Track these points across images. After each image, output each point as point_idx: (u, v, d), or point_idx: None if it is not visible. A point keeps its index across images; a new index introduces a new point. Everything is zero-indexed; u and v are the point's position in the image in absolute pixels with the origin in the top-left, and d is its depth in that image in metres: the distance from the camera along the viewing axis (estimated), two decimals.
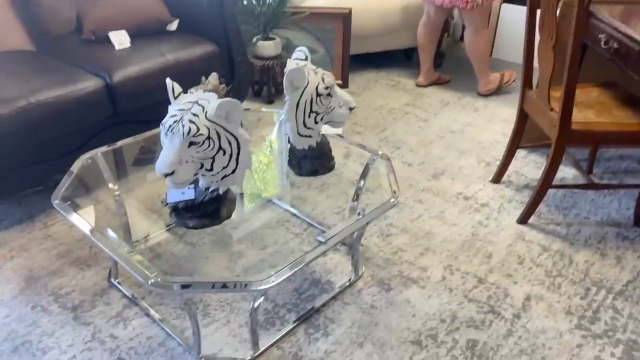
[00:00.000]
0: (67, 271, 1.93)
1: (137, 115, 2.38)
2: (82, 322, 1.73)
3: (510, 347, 1.68)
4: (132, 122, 2.37)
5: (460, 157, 2.68)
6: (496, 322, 1.76)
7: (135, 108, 2.35)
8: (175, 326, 1.72)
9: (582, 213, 2.29)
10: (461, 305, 1.82)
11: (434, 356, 1.64)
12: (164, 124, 1.40)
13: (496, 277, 1.95)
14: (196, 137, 1.38)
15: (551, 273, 1.97)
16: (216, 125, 1.41)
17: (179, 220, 1.55)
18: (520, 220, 2.22)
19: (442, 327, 1.74)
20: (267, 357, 1.62)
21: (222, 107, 1.39)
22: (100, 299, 1.81)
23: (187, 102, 1.43)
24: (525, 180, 2.50)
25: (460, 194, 2.40)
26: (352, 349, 1.65)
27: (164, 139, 1.44)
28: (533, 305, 1.83)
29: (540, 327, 1.75)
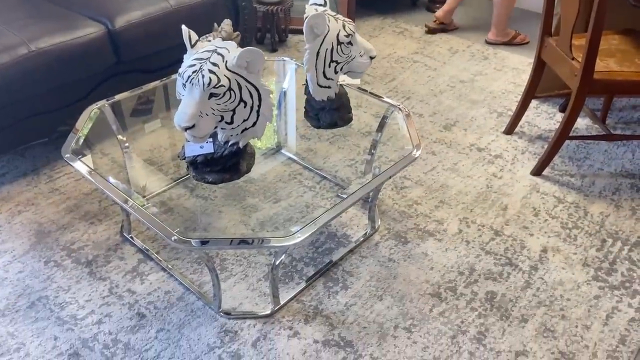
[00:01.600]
0: (78, 226, 1.89)
1: (141, 64, 2.29)
2: (98, 277, 1.71)
3: (529, 298, 1.68)
4: (137, 70, 2.29)
5: (471, 107, 2.63)
6: (514, 275, 1.76)
7: (139, 56, 2.26)
8: (192, 281, 1.70)
9: (596, 164, 2.27)
10: (478, 257, 1.82)
11: (454, 308, 1.64)
12: (181, 74, 1.34)
13: (512, 229, 1.94)
14: (217, 89, 1.32)
15: (567, 225, 1.97)
16: (237, 75, 1.35)
17: (197, 175, 1.50)
18: (535, 172, 2.19)
19: (460, 280, 1.74)
20: (287, 310, 1.62)
21: (243, 57, 1.32)
22: (114, 253, 1.79)
23: (205, 50, 1.36)
24: (538, 132, 2.46)
25: (473, 145, 2.36)
26: (372, 302, 1.65)
27: (181, 90, 1.37)
28: (550, 257, 1.83)
29: (557, 279, 1.76)
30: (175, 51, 2.39)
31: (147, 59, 2.29)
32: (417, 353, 1.51)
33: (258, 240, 1.34)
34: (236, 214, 1.95)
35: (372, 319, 1.60)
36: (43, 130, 2.12)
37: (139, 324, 1.57)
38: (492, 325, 1.60)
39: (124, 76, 2.25)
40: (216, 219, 1.93)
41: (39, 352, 1.49)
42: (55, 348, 1.50)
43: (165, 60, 2.38)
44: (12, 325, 1.56)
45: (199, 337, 1.53)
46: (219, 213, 1.95)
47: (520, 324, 1.60)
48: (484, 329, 1.58)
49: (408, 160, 1.63)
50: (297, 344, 1.52)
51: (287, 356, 1.49)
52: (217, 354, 1.49)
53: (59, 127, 2.15)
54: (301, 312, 1.61)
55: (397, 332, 1.57)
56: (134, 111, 2.15)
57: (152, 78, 2.03)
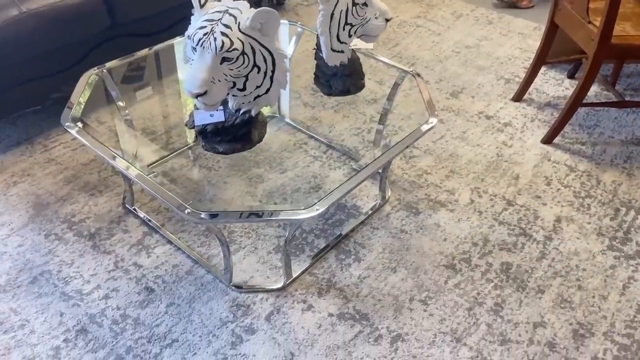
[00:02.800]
0: (78, 197, 1.81)
1: (137, 27, 2.18)
2: (102, 250, 1.65)
3: (544, 269, 1.66)
4: (133, 34, 2.18)
5: (478, 73, 2.56)
6: (528, 245, 1.73)
7: (135, 18, 2.15)
8: (201, 254, 1.65)
9: (607, 132, 2.23)
10: (492, 228, 1.78)
11: (469, 280, 1.61)
12: (191, 36, 1.25)
13: (525, 199, 1.90)
14: (230, 52, 1.24)
15: (579, 194, 1.93)
16: (250, 38, 1.26)
17: (207, 145, 1.43)
18: (546, 140, 2.15)
19: (474, 251, 1.70)
20: (299, 284, 1.57)
21: (257, 18, 1.24)
22: (118, 226, 1.72)
23: (216, 11, 1.27)
24: (547, 98, 2.41)
25: (482, 113, 2.31)
26: (385, 274, 1.61)
27: (190, 54, 1.29)
28: (564, 227, 1.80)
29: (572, 249, 1.73)
30: (173, 13, 2.29)
31: (143, 21, 2.18)
32: (434, 325, 1.48)
33: (276, 212, 1.29)
34: (242, 185, 1.88)
35: (386, 291, 1.57)
36: (36, 98, 2.02)
37: (147, 298, 1.52)
38: (509, 297, 1.57)
39: (120, 40, 2.14)
40: (221, 190, 1.87)
41: (45, 328, 1.43)
42: (62, 324, 1.45)
43: (163, 23, 2.27)
44: (15, 302, 1.50)
45: (210, 312, 1.49)
46: (224, 184, 1.89)
47: (537, 295, 1.58)
48: (500, 301, 1.56)
49: (425, 129, 1.57)
50: (312, 318, 1.49)
51: (302, 330, 1.46)
52: (230, 329, 1.45)
53: (52, 95, 2.06)
54: (314, 285, 1.57)
55: (412, 305, 1.53)
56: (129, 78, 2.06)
57: (149, 42, 1.93)
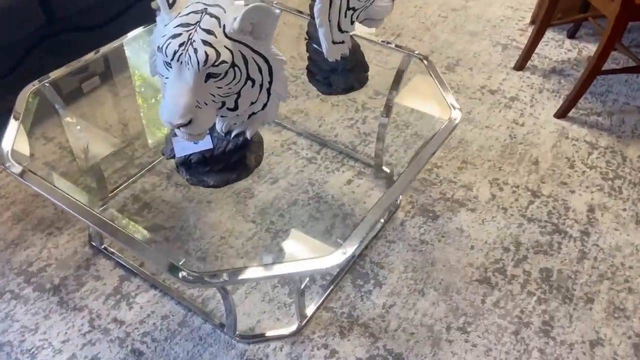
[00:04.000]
0: (32, 239, 1.50)
1: (78, 21, 1.82)
2: (72, 307, 1.35)
3: (588, 272, 1.46)
4: (72, 29, 1.82)
5: (471, 41, 2.31)
6: (565, 244, 1.53)
7: (74, 12, 1.79)
8: (193, 298, 1.38)
9: (620, 98, 2.03)
10: (521, 227, 1.57)
11: (508, 295, 1.40)
12: (162, 48, 0.95)
13: (550, 187, 1.69)
14: (217, 67, 0.94)
15: (607, 175, 1.74)
16: (240, 45, 0.97)
17: (192, 178, 1.14)
18: (560, 114, 1.93)
19: (507, 258, 1.49)
20: (316, 323, 1.33)
21: (247, 18, 0.94)
22: (87, 272, 1.43)
23: (191, 12, 0.96)
24: (550, 64, 2.19)
25: (484, 87, 2.07)
26: (413, 299, 1.39)
27: (162, 70, 0.99)
28: (598, 217, 1.61)
29: (613, 243, 1.54)
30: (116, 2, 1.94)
31: (84, 14, 1.82)
32: (480, 359, 1.27)
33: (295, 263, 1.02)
34: (229, 203, 1.60)
35: (418, 321, 1.34)
36: None
37: None
38: (556, 312, 1.37)
39: (61, 37, 1.78)
40: (206, 211, 1.58)
41: None
42: None
43: (106, 14, 1.92)
44: None
45: None
46: (207, 204, 1.60)
47: (587, 306, 1.39)
48: (548, 318, 1.36)
49: (452, 126, 1.31)
50: None
51: None
52: None
53: None
54: (333, 323, 1.33)
55: (451, 335, 1.32)
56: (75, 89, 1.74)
57: (93, 38, 1.60)
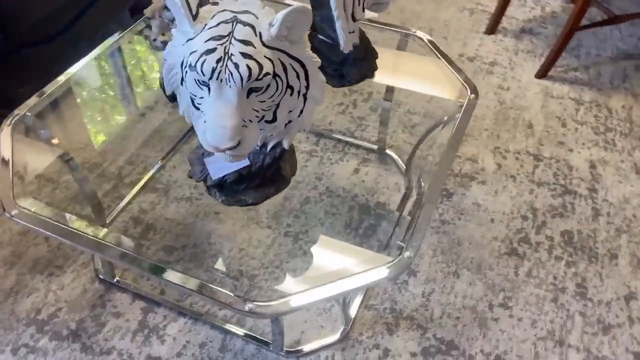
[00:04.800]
0: (33, 284, 1.37)
1: (36, 33, 1.64)
2: (98, 351, 1.25)
3: (605, 228, 1.50)
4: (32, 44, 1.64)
5: (437, 9, 2.28)
6: (577, 204, 1.56)
7: (33, 22, 1.61)
8: (226, 319, 1.30)
9: (592, 51, 2.08)
10: (533, 193, 1.59)
11: (538, 263, 1.42)
12: (196, 67, 0.85)
13: (549, 149, 1.71)
14: (260, 80, 0.86)
15: (598, 129, 1.78)
16: (279, 52, 0.89)
17: (228, 199, 1.05)
18: (540, 75, 1.95)
19: (528, 226, 1.50)
20: (361, 325, 1.29)
21: (285, 23, 0.86)
22: (104, 310, 1.32)
23: (221, 23, 0.87)
24: (518, 24, 2.20)
25: (462, 55, 2.05)
26: (450, 283, 1.37)
27: (194, 89, 0.90)
28: (601, 172, 1.65)
29: (620, 196, 1.58)
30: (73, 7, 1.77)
31: (44, 24, 1.65)
32: (529, 332, 1.28)
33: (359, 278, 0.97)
34: (238, 211, 1.52)
35: (459, 304, 1.33)
36: None
37: None
38: (586, 273, 1.40)
39: (17, 56, 1.61)
40: (216, 224, 1.49)
41: None
42: None
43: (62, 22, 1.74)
44: None
45: None
46: (215, 215, 1.51)
47: (612, 262, 1.42)
48: (580, 280, 1.38)
49: (470, 109, 1.28)
50: None
51: None
52: None
53: None
54: (378, 321, 1.30)
55: (494, 313, 1.32)
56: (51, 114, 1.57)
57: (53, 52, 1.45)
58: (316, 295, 0.93)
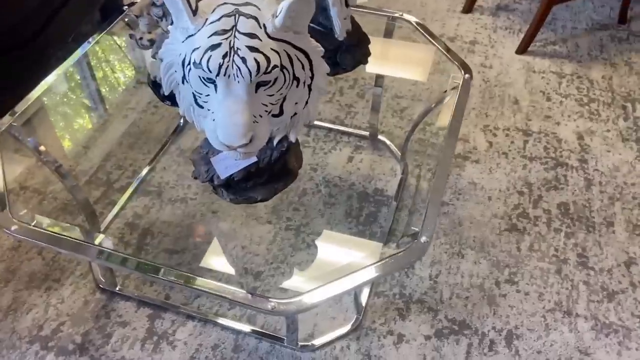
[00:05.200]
0: (31, 300, 1.32)
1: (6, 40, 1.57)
2: None
3: (599, 197, 1.53)
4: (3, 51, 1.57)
5: None
6: (569, 175, 1.59)
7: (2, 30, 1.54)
8: (237, 317, 1.28)
9: (567, 24, 2.11)
10: (526, 168, 1.60)
11: (538, 237, 1.44)
12: (201, 63, 0.82)
13: (537, 123, 1.73)
14: (269, 74, 0.83)
15: (582, 101, 1.81)
16: (284, 43, 0.87)
17: (237, 197, 1.03)
18: (521, 50, 1.97)
19: (525, 201, 1.52)
20: (373, 312, 1.29)
21: (290, 13, 0.83)
22: (109, 320, 1.28)
23: (222, 17, 0.84)
24: (495, 1, 2.21)
25: (442, 35, 2.06)
26: (455, 264, 1.38)
27: (199, 88, 0.87)
28: (589, 142, 1.68)
29: (610, 164, 1.61)
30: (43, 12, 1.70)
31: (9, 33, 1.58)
32: (537, 305, 1.30)
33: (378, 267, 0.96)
34: (236, 208, 1.49)
35: (467, 283, 1.34)
36: None
37: None
38: (585, 242, 1.42)
39: None
40: (214, 222, 1.47)
41: None
42: None
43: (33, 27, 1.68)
44: None
45: None
46: (212, 214, 1.49)
47: (609, 230, 1.45)
48: (580, 250, 1.41)
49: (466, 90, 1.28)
50: (410, 349, 1.23)
51: None
52: None
53: None
54: (389, 307, 1.30)
55: (502, 289, 1.33)
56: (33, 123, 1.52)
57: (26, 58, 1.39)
58: (338, 288, 0.92)
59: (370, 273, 0.94)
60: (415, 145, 1.65)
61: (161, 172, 1.58)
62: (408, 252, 0.96)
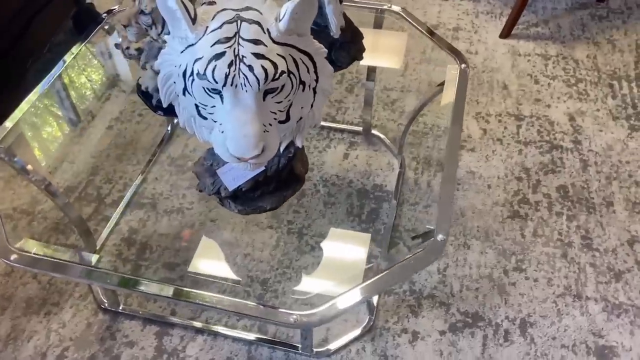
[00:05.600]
0: (31, 326, 1.27)
1: None
2: None
3: (596, 178, 1.54)
4: None
5: None
6: (565, 157, 1.59)
7: None
8: (247, 327, 1.25)
9: (547, 5, 2.11)
10: (522, 153, 1.60)
11: (541, 222, 1.44)
12: (206, 74, 0.78)
13: (528, 107, 1.73)
14: (276, 80, 0.80)
15: (569, 82, 1.81)
16: (289, 47, 0.83)
17: (246, 208, 1.00)
18: (505, 34, 1.97)
19: (524, 187, 1.52)
20: (385, 311, 1.27)
21: (294, 15, 0.80)
22: (115, 341, 1.24)
23: (224, 24, 0.80)
24: None
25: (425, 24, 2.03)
26: (462, 255, 1.37)
27: (203, 99, 0.83)
28: (580, 123, 1.68)
29: (603, 144, 1.62)
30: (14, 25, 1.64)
31: None
32: (547, 291, 1.30)
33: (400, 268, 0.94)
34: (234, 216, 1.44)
35: (476, 274, 1.34)
36: None
37: None
38: (588, 224, 1.43)
39: None
40: (213, 231, 1.43)
41: None
42: None
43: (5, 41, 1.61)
44: None
45: None
46: (211, 223, 1.45)
47: (610, 210, 1.46)
48: (584, 232, 1.41)
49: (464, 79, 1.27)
50: (426, 346, 1.22)
51: None
52: None
53: None
54: (401, 304, 1.28)
55: (510, 277, 1.33)
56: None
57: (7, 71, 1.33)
58: (359, 295, 0.90)
59: (392, 277, 0.92)
60: (409, 137, 1.63)
61: (153, 183, 1.53)
62: (427, 252, 0.94)
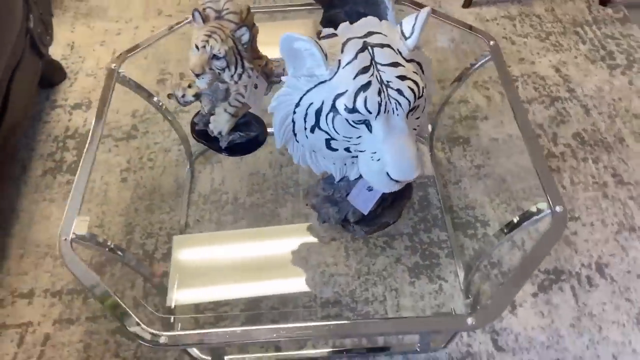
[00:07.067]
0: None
1: None
2: None
3: (602, 118, 1.67)
4: None
5: None
6: (567, 107, 1.71)
7: None
8: (354, 341, 1.25)
9: None
10: (530, 111, 1.70)
11: (573, 170, 1.54)
12: (356, 107, 0.77)
13: (516, 68, 1.84)
14: (420, 98, 0.81)
15: (540, 36, 1.94)
16: (415, 63, 0.84)
17: (371, 227, 0.99)
18: (467, 4, 2.05)
19: (545, 142, 1.62)
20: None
21: (421, 27, 0.81)
22: None
23: (357, 54, 0.79)
24: None
25: None
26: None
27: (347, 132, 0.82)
28: (565, 72, 1.81)
29: (592, 87, 1.76)
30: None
31: None
32: (605, 232, 1.41)
33: None
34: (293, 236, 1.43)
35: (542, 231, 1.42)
36: None
37: None
38: (611, 162, 1.56)
39: None
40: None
41: None
42: None
43: None
44: None
45: None
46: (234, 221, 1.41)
47: (624, 145, 1.60)
48: (612, 171, 1.54)
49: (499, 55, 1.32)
50: (527, 312, 1.28)
51: (532, 331, 1.25)
52: None
53: None
54: (486, 280, 1.34)
55: (570, 228, 1.42)
56: None
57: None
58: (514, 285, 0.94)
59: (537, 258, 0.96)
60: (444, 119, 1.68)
61: (198, 226, 1.47)
62: (554, 227, 0.99)
